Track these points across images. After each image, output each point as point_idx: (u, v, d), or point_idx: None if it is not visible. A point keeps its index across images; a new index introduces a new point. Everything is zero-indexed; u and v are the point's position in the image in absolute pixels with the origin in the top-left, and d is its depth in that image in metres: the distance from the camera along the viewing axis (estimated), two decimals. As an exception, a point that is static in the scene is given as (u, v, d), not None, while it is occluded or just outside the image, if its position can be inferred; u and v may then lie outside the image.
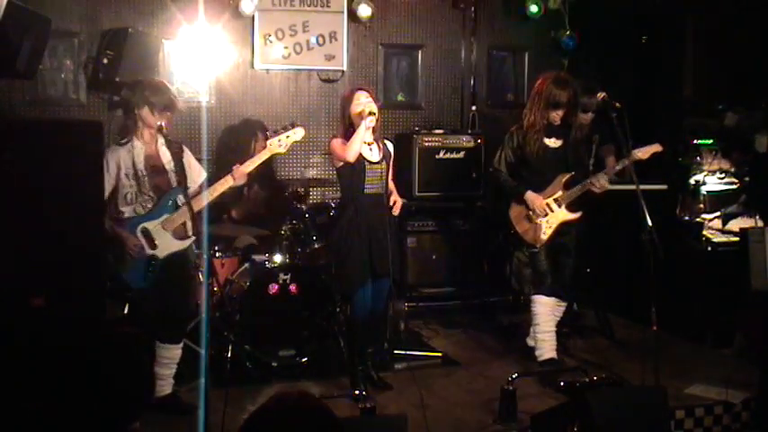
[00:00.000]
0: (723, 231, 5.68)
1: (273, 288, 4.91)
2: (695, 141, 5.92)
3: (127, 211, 4.17)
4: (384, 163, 4.60)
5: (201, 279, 4.89)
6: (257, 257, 5.16)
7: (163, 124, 4.00)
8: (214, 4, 6.02)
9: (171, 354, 4.27)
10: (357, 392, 4.47)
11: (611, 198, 5.44)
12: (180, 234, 4.23)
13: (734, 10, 5.77)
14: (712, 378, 4.72)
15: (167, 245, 4.19)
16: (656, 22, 6.28)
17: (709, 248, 5.71)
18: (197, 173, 4.38)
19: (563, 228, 4.93)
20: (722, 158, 5.92)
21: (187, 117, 6.12)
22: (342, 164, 4.53)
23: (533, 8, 6.66)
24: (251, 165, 4.28)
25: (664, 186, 5.48)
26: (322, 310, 5.04)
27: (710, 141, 5.93)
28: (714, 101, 5.95)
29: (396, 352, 5.20)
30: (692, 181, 5.90)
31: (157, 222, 4.15)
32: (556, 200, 4.87)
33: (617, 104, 4.33)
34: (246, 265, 5.18)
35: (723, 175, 5.91)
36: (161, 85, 4.31)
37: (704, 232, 5.75)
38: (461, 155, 6.20)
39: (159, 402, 4.22)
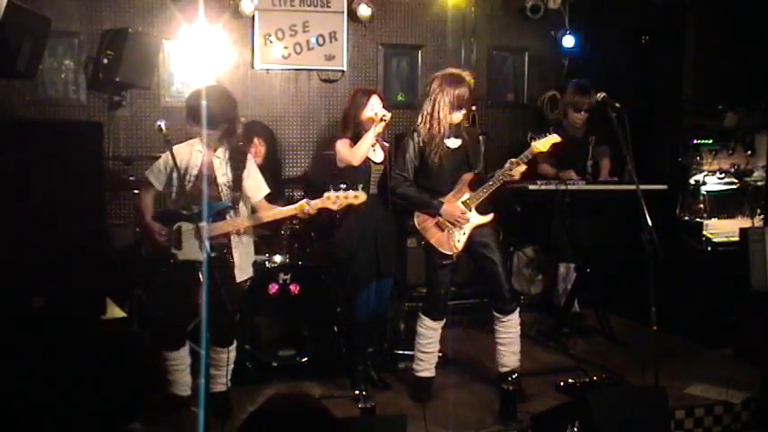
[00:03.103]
0: None
1: (273, 288, 4.91)
2: (695, 141, 5.92)
3: (171, 209, 4.21)
4: (385, 164, 4.62)
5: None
6: (257, 257, 5.15)
7: (162, 125, 3.78)
8: (214, 4, 6.03)
9: (173, 356, 4.25)
10: (357, 392, 4.48)
11: (612, 198, 5.45)
12: (211, 246, 4.08)
13: (734, 10, 5.76)
14: (712, 378, 4.72)
15: (190, 251, 4.10)
16: (656, 22, 6.27)
17: (709, 248, 5.71)
18: (255, 190, 4.30)
19: (478, 232, 4.52)
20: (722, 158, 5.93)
21: (187, 117, 6.13)
22: (346, 164, 4.54)
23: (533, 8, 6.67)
24: (319, 204, 4.26)
25: (664, 186, 5.47)
26: (322, 309, 5.04)
27: (710, 141, 5.93)
28: (714, 101, 5.95)
29: (396, 352, 5.20)
30: (691, 181, 5.91)
31: (193, 227, 4.00)
32: (464, 203, 4.48)
33: (617, 104, 4.32)
34: (246, 265, 5.18)
35: (723, 175, 5.92)
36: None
37: (704, 232, 5.76)
38: (461, 155, 6.17)
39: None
